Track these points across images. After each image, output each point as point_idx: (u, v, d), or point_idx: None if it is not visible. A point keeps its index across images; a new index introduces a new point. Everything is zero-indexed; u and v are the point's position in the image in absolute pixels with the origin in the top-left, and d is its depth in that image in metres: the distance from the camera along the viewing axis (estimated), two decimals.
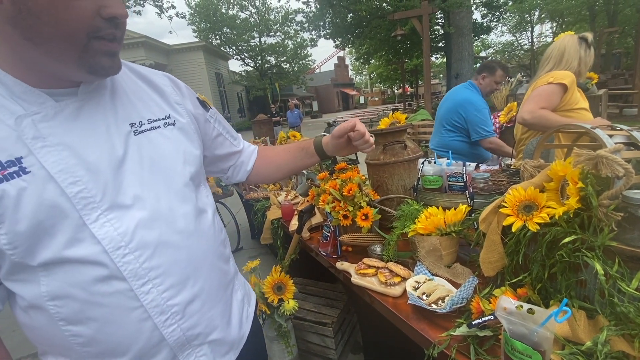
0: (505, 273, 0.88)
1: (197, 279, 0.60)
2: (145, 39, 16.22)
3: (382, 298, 1.02)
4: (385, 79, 30.96)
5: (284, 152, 0.91)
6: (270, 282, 1.32)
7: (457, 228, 1.06)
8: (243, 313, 0.76)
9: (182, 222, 0.59)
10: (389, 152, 1.43)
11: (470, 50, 9.74)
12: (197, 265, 0.61)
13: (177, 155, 0.62)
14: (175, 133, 0.63)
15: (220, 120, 0.80)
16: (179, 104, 0.67)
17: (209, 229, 0.65)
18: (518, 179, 1.20)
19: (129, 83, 0.62)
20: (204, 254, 0.63)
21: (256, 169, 0.90)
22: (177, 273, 0.57)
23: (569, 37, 1.54)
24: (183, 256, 0.58)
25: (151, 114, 0.61)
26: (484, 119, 2.10)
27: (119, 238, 0.52)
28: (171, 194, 0.59)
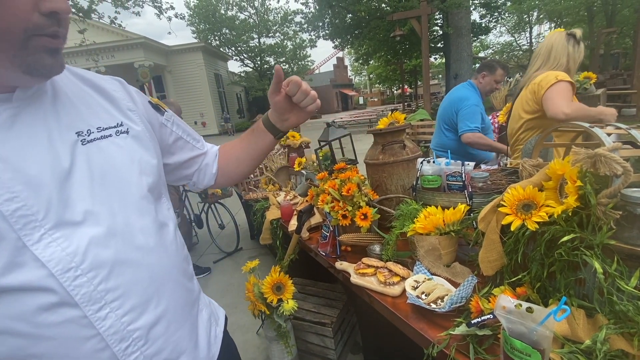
0: (504, 272, 0.88)
1: (161, 299, 0.56)
2: (144, 40, 16.23)
3: (381, 297, 1.02)
4: (385, 79, 30.98)
5: (239, 142, 0.84)
6: (269, 282, 1.32)
7: (456, 227, 1.06)
8: (211, 333, 0.71)
9: (141, 238, 0.54)
10: (387, 152, 1.43)
11: (469, 50, 9.76)
12: (160, 283, 0.56)
13: (132, 166, 0.57)
14: (129, 142, 0.58)
15: (178, 123, 0.75)
16: (131, 110, 0.62)
17: (171, 243, 0.61)
18: (517, 178, 1.21)
19: (73, 89, 0.56)
20: (167, 270, 0.58)
21: (221, 170, 0.84)
22: (138, 294, 0.52)
23: (557, 33, 1.53)
24: (144, 274, 0.53)
25: (101, 121, 0.56)
26: (470, 114, 2.08)
27: (69, 259, 0.46)
28: (127, 208, 0.54)
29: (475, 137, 2.09)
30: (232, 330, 2.11)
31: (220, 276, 2.83)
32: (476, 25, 15.37)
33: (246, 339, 1.96)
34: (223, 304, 2.37)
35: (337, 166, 1.57)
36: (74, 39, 11.08)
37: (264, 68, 23.62)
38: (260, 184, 2.62)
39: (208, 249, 3.44)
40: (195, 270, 2.88)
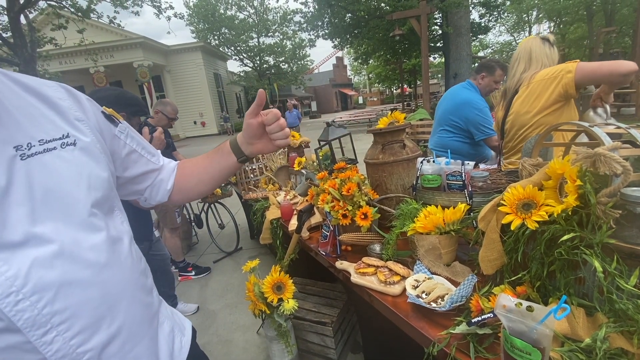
0: (504, 271, 0.88)
1: (115, 317, 0.54)
2: (144, 40, 16.22)
3: (382, 297, 1.02)
4: (384, 79, 30.98)
5: (202, 160, 0.81)
6: (269, 281, 1.32)
7: (456, 227, 1.06)
8: (174, 345, 0.70)
9: (91, 256, 0.52)
10: (387, 152, 1.44)
11: (469, 50, 9.76)
12: (114, 301, 0.54)
13: (80, 180, 0.53)
14: (77, 154, 0.54)
15: (132, 136, 0.71)
16: (80, 120, 0.57)
17: (125, 258, 0.59)
18: (517, 178, 1.21)
19: (11, 97, 0.51)
20: (122, 287, 0.56)
21: (177, 186, 0.80)
22: (88, 314, 0.50)
23: (532, 39, 1.61)
24: (95, 294, 0.51)
25: (43, 133, 0.51)
26: (487, 117, 2.09)
27: (8, 283, 0.44)
28: (75, 226, 0.51)
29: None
30: (233, 330, 2.12)
31: (220, 276, 2.84)
32: (475, 24, 15.37)
33: (246, 339, 1.96)
34: (223, 304, 2.39)
35: (337, 166, 1.57)
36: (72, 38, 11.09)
37: (263, 68, 23.60)
38: (259, 183, 2.62)
39: (208, 249, 3.44)
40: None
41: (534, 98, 1.45)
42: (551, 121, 1.42)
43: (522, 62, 1.56)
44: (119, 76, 18.02)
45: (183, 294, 2.58)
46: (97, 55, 13.27)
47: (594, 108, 1.35)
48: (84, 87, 16.56)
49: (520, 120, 1.52)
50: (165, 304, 0.76)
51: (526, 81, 1.52)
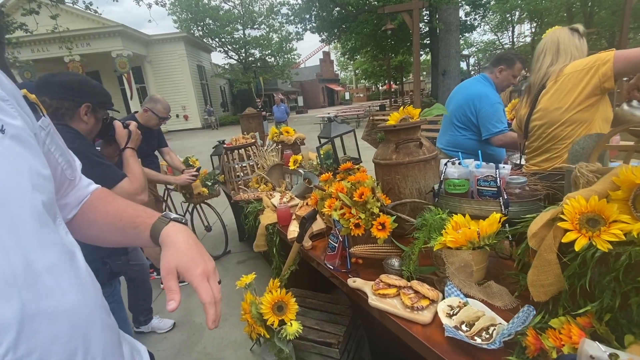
0: (561, 299, 0.74)
1: (88, 349, 0.45)
2: (123, 28, 15.47)
3: (409, 325, 0.86)
4: (370, 75, 30.94)
5: (114, 216, 0.64)
6: (269, 301, 1.14)
7: (491, 241, 0.91)
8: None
9: (50, 279, 0.41)
10: (402, 151, 1.28)
11: (457, 47, 9.77)
12: (85, 330, 0.45)
13: (21, 179, 0.41)
14: (8, 144, 0.40)
15: (53, 136, 0.56)
16: (4, 99, 0.43)
17: (85, 276, 0.49)
18: (554, 182, 1.07)
19: None
20: (90, 312, 0.47)
21: (76, 221, 0.64)
22: (59, 352, 0.41)
23: (559, 29, 1.48)
24: (64, 326, 0.42)
25: None
26: (496, 113, 1.94)
27: None
28: (22, 240, 0.39)
29: (508, 136, 1.94)
30: (223, 347, 1.93)
31: None
32: (461, 22, 15.46)
33: (238, 357, 1.78)
34: None
35: (344, 166, 1.40)
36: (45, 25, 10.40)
37: (248, 61, 23.05)
38: (250, 183, 2.42)
39: None
40: None
41: (565, 93, 1.32)
42: (585, 118, 1.30)
43: (548, 54, 1.43)
44: (96, 66, 17.14)
45: (165, 304, 2.35)
46: (72, 43, 12.52)
47: (628, 101, 1.23)
48: None
49: (549, 118, 1.39)
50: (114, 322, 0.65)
51: (554, 75, 1.39)
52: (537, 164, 1.51)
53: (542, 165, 1.48)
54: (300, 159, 2.13)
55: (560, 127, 1.36)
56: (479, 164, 1.02)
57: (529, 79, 1.58)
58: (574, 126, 1.33)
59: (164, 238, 0.57)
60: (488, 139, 1.99)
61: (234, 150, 2.38)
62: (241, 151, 2.45)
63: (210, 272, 0.55)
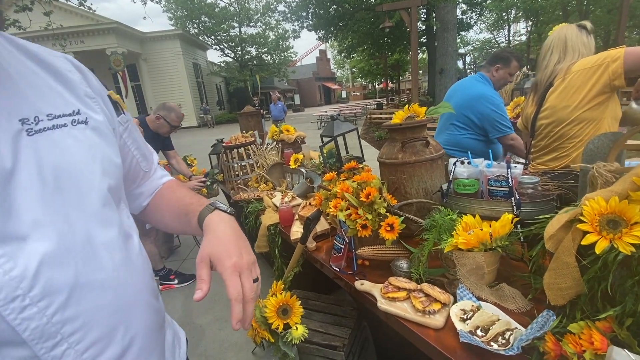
0: (579, 302, 0.71)
1: (129, 326, 0.48)
2: (117, 25, 15.29)
3: (421, 330, 0.84)
4: (367, 73, 30.90)
5: (176, 205, 0.68)
6: (273, 304, 1.11)
7: (504, 242, 0.89)
8: (175, 357, 0.63)
9: (105, 254, 0.45)
10: (408, 151, 1.25)
11: (455, 45, 9.77)
12: (129, 308, 0.48)
13: (94, 164, 0.47)
14: (89, 134, 0.48)
15: (131, 131, 0.62)
16: (90, 96, 0.51)
17: (137, 257, 0.52)
18: (565, 182, 1.05)
19: (16, 65, 0.44)
20: (136, 292, 0.50)
21: (149, 208, 0.70)
22: (102, 323, 0.44)
23: (566, 26, 1.47)
24: (110, 299, 0.45)
25: (52, 107, 0.45)
26: (502, 114, 1.94)
27: (13, 285, 0.37)
28: (87, 217, 0.44)
29: (519, 141, 1.93)
30: (224, 349, 1.90)
31: None
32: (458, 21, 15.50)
33: (239, 359, 1.75)
34: (212, 318, 2.15)
35: (349, 165, 1.38)
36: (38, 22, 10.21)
37: (245, 58, 22.90)
38: (250, 182, 2.38)
39: (191, 253, 3.16)
40: (179, 277, 2.63)
41: (573, 91, 1.30)
42: (595, 116, 1.28)
43: (555, 52, 1.41)
44: (90, 64, 16.87)
45: (166, 305, 2.31)
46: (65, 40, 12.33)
47: (636, 99, 1.21)
48: None
49: (557, 116, 1.37)
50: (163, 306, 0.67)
51: (562, 73, 1.37)
52: (544, 163, 1.50)
53: (549, 164, 1.47)
54: (301, 157, 2.10)
55: (569, 125, 1.34)
56: (489, 163, 1.00)
57: (531, 77, 1.56)
58: (583, 125, 1.31)
59: (206, 225, 0.58)
60: (496, 138, 1.98)
61: (233, 149, 2.35)
62: (240, 150, 2.41)
63: (243, 267, 0.53)
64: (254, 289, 0.53)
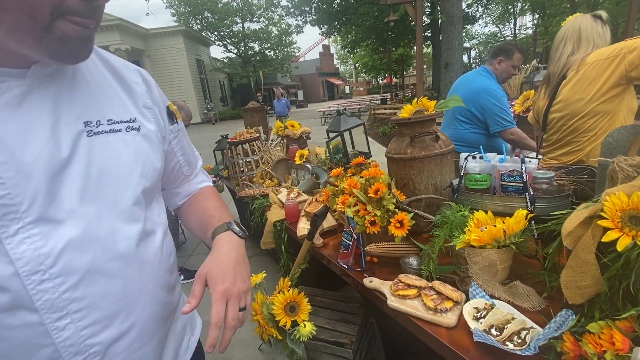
0: (599, 301, 0.69)
1: (130, 314, 0.52)
2: (120, 22, 15.27)
3: (432, 328, 0.82)
4: (371, 68, 30.66)
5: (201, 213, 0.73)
6: (281, 301, 1.10)
7: (518, 239, 0.87)
8: (182, 344, 0.68)
9: (123, 247, 0.50)
10: (417, 145, 1.23)
11: (460, 39, 9.62)
12: (133, 298, 0.52)
13: (136, 167, 0.53)
14: (139, 140, 0.55)
15: (180, 139, 0.69)
16: (148, 107, 0.59)
17: (154, 255, 0.56)
18: (580, 177, 1.02)
19: (95, 73, 0.52)
20: (144, 285, 0.54)
21: (183, 209, 0.78)
22: (105, 307, 0.49)
23: (581, 16, 1.42)
24: (117, 287, 0.50)
25: (114, 113, 0.52)
26: (504, 108, 1.91)
27: (39, 260, 0.43)
28: (117, 212, 0.50)
29: (518, 135, 1.91)
30: (231, 346, 1.90)
31: None
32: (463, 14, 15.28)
33: (246, 356, 1.75)
34: None
35: (356, 161, 1.35)
36: None
37: (248, 54, 22.83)
38: (255, 178, 2.37)
39: (197, 249, 3.17)
40: (185, 273, 2.63)
41: (588, 83, 1.26)
42: (610, 109, 1.25)
43: (569, 43, 1.37)
44: None
45: None
46: None
47: None
48: None
49: (570, 109, 1.33)
50: (185, 298, 0.71)
51: (576, 64, 1.33)
52: (556, 157, 1.46)
53: (562, 159, 1.43)
54: (306, 153, 2.08)
55: (583, 119, 1.30)
56: (502, 158, 0.97)
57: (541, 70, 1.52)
58: (597, 118, 1.28)
59: (215, 243, 0.64)
60: (496, 132, 1.95)
61: (237, 145, 2.33)
62: (245, 146, 2.40)
63: (233, 294, 0.55)
64: (237, 317, 0.55)
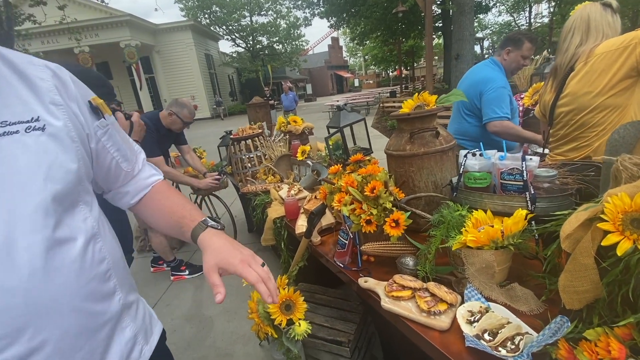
0: (597, 307, 0.66)
1: (41, 328, 0.48)
2: (130, 18, 15.41)
3: (424, 331, 0.80)
4: (380, 61, 30.23)
5: (169, 211, 0.72)
6: None
7: (517, 240, 0.84)
8: (132, 355, 0.64)
9: (23, 258, 0.46)
10: (417, 142, 1.20)
11: (472, 29, 9.36)
12: (43, 311, 0.48)
13: (37, 170, 0.49)
14: (43, 140, 0.51)
15: (112, 134, 0.66)
16: (57, 104, 0.54)
17: (72, 263, 0.52)
18: (585, 175, 0.98)
19: None
20: (58, 296, 0.50)
21: (141, 207, 0.75)
22: (5, 323, 0.45)
23: (590, 5, 1.35)
24: (18, 301, 0.46)
25: (9, 114, 0.48)
26: (498, 99, 1.83)
27: None
28: (15, 221, 0.46)
29: (504, 126, 1.84)
30: (233, 342, 1.92)
31: None
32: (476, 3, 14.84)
33: (247, 352, 1.76)
34: (221, 309, 2.17)
35: (354, 158, 1.33)
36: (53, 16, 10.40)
37: (256, 48, 22.77)
38: (258, 174, 2.37)
39: None
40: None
41: (596, 75, 1.20)
42: (619, 103, 1.18)
43: (577, 33, 1.30)
44: (105, 57, 17.21)
45: (176, 296, 2.36)
46: (80, 34, 12.55)
47: None
48: None
49: (578, 103, 1.27)
50: (137, 306, 0.69)
51: (584, 56, 1.26)
52: (562, 153, 1.41)
53: (569, 154, 1.38)
54: (308, 149, 2.06)
55: (590, 113, 1.24)
56: (502, 155, 0.94)
57: (552, 61, 1.46)
58: (606, 112, 1.21)
59: (202, 243, 0.65)
60: (484, 124, 1.88)
61: (240, 141, 2.33)
62: (248, 142, 2.39)
63: (249, 259, 0.62)
64: (266, 270, 0.62)
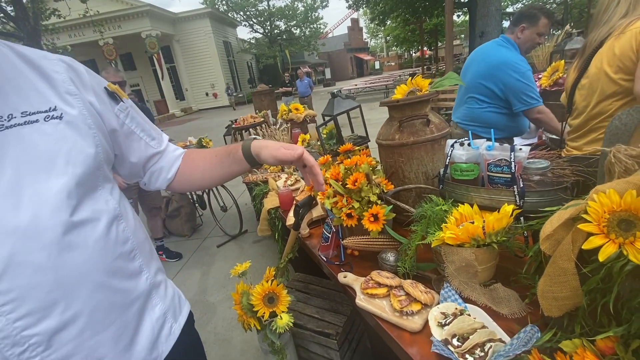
0: (578, 316, 0.60)
1: (72, 303, 0.51)
2: (150, 8, 15.62)
3: (395, 331, 0.77)
4: (403, 41, 29.02)
5: (210, 156, 0.77)
6: (259, 292, 1.09)
7: (501, 238, 0.77)
8: (162, 331, 0.67)
9: (50, 236, 0.49)
10: (406, 130, 1.13)
11: (498, 4, 8.73)
12: (72, 286, 0.51)
13: (58, 155, 0.52)
14: (61, 128, 0.53)
15: (133, 116, 0.69)
16: (72, 94, 0.57)
17: (96, 242, 0.55)
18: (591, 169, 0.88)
19: (6, 68, 0.51)
20: (85, 272, 0.53)
21: (180, 177, 0.77)
22: (37, 298, 0.48)
23: None
24: (48, 277, 0.49)
25: (28, 105, 0.51)
26: (529, 84, 1.67)
27: None
28: (39, 202, 0.49)
29: (546, 111, 1.68)
30: (231, 328, 1.97)
31: (223, 262, 2.65)
32: None
33: (245, 339, 1.80)
34: (224, 295, 2.22)
35: (343, 148, 1.28)
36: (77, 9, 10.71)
37: (274, 33, 22.54)
38: None
39: (212, 232, 3.28)
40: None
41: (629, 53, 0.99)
42: None
43: (624, 2, 1.08)
44: (128, 48, 17.66)
45: (183, 282, 2.44)
46: (103, 26, 12.89)
47: None
48: (96, 61, 16.37)
49: (598, 85, 1.06)
50: (165, 286, 0.72)
51: (619, 30, 1.06)
52: (578, 147, 1.23)
53: (585, 149, 1.20)
54: (308, 138, 2.02)
55: (609, 99, 1.08)
56: (490, 145, 0.86)
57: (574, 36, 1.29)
58: (628, 101, 1.04)
59: (256, 147, 0.70)
60: (521, 111, 1.73)
61: (242, 130, 2.32)
62: (251, 130, 2.38)
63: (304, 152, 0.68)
64: None
